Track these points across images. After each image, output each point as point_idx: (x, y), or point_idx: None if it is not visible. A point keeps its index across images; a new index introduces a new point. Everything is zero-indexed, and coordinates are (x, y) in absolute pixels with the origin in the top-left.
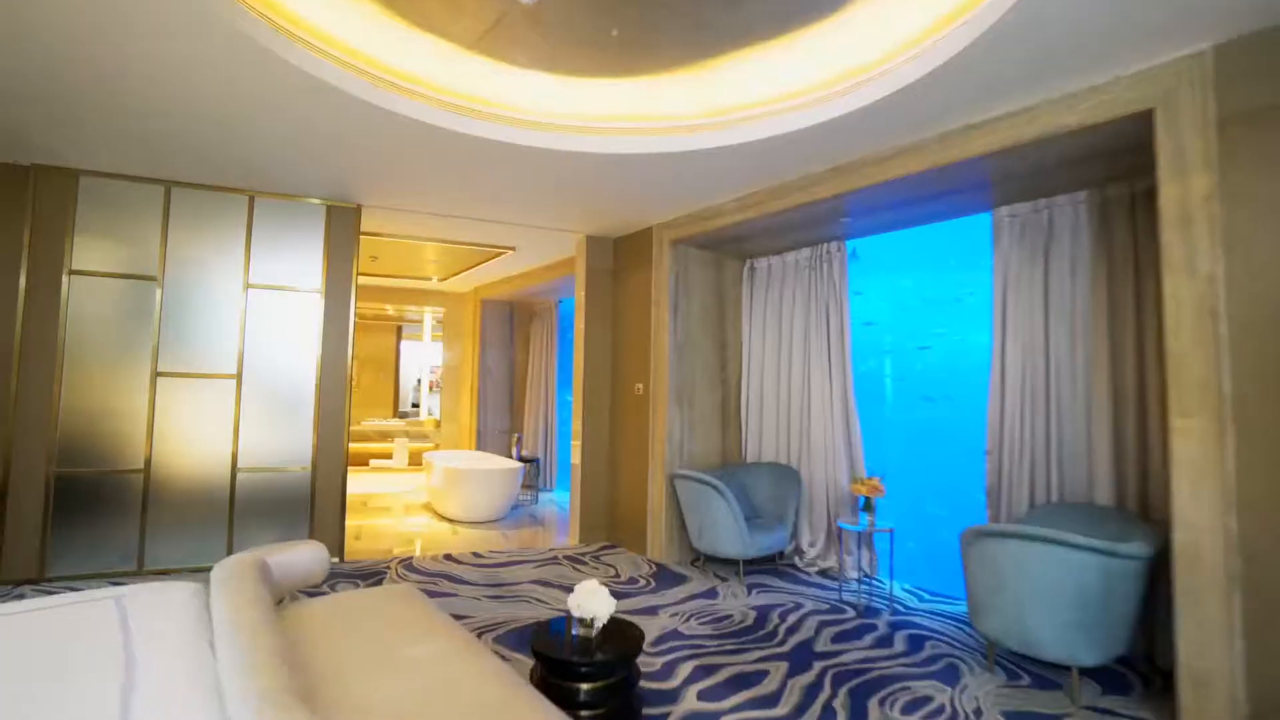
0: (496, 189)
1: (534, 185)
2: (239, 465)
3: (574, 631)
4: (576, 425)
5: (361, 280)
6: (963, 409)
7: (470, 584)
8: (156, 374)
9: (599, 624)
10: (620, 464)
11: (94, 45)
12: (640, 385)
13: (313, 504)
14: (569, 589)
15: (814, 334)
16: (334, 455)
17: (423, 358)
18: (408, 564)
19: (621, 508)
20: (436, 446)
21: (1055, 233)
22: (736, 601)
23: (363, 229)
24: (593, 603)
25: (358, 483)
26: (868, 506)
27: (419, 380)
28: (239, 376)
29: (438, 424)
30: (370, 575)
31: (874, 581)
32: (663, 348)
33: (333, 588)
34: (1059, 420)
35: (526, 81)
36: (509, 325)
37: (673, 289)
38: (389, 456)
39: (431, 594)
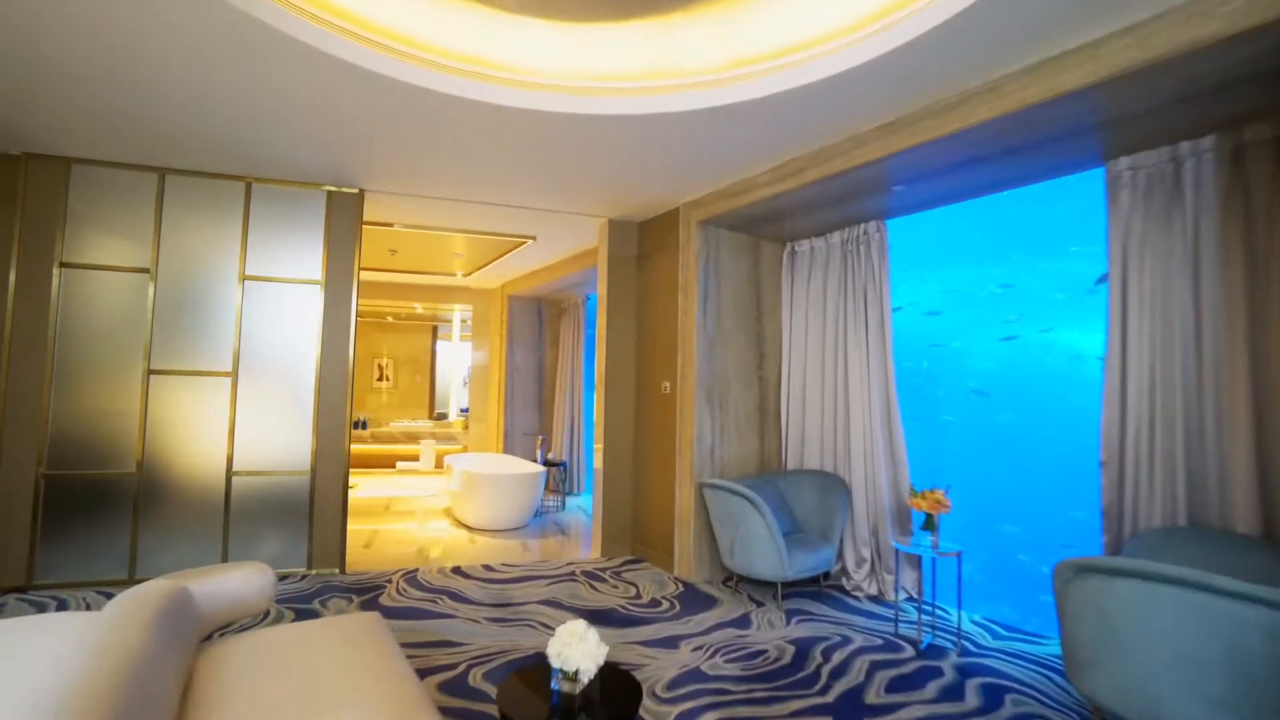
0: (506, 166)
1: (546, 159)
2: (234, 469)
3: (554, 685)
4: (599, 427)
5: (385, 277)
6: (1041, 412)
7: (473, 603)
8: (149, 371)
9: (585, 677)
10: (646, 470)
11: (77, 19)
12: (667, 383)
13: (311, 510)
14: (583, 611)
15: (852, 325)
16: (334, 458)
17: (458, 358)
18: (411, 578)
19: (647, 518)
20: (464, 449)
21: (1180, 190)
22: (772, 632)
23: (369, 218)
24: (575, 651)
25: (383, 486)
26: (929, 524)
27: (455, 381)
28: (235, 374)
29: (466, 425)
30: (368, 590)
31: (935, 610)
32: (691, 341)
33: (324, 604)
34: (1191, 425)
35: (526, 35)
36: (537, 322)
37: (702, 275)
38: (416, 458)
39: (428, 615)
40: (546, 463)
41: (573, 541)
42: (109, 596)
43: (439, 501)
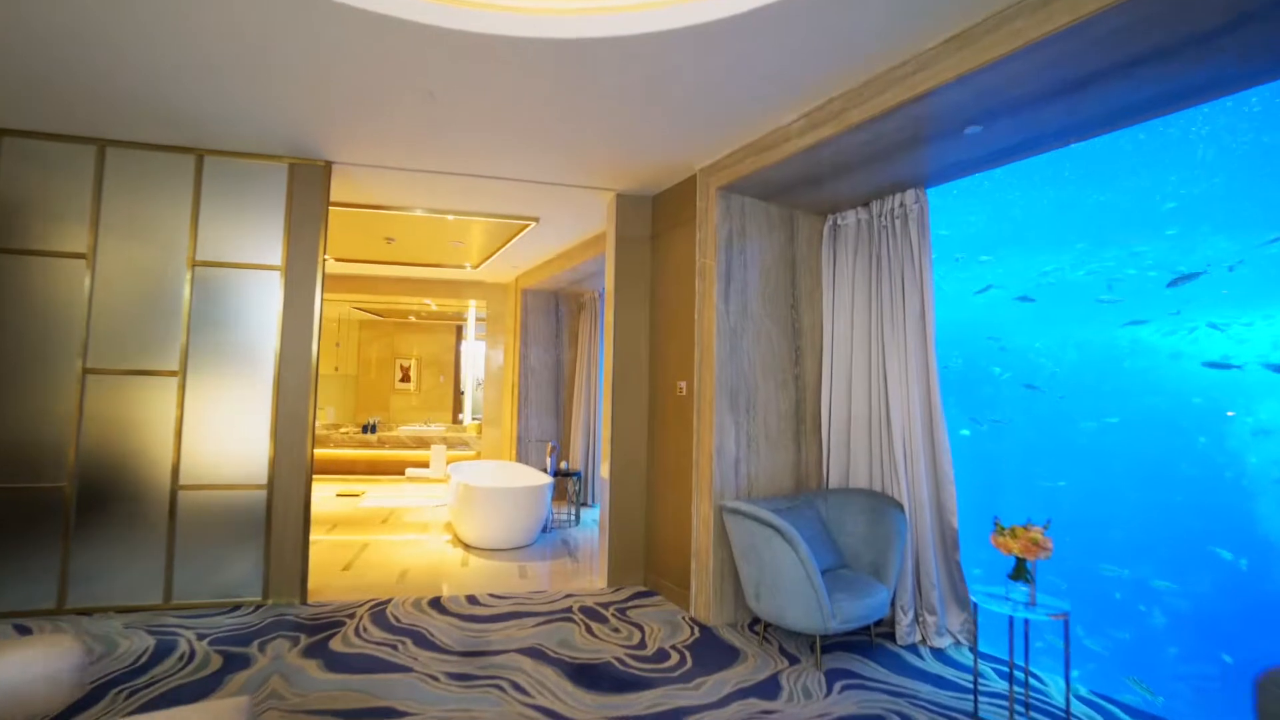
0: (490, 123)
1: (535, 111)
2: (181, 481)
3: None
4: (605, 433)
5: (392, 270)
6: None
7: (440, 650)
8: (85, 370)
9: None
10: (660, 486)
11: None
12: (683, 384)
13: (268, 530)
14: (570, 667)
15: (889, 314)
16: (295, 470)
17: (476, 358)
18: (380, 612)
19: (661, 543)
20: (478, 455)
21: None
22: (809, 706)
23: (343, 198)
24: None
25: (389, 494)
26: (1020, 573)
27: (473, 383)
28: (182, 374)
29: (480, 430)
30: (324, 628)
31: (1028, 675)
32: (710, 333)
33: (263, 648)
34: None
35: None
36: (554, 319)
37: (724, 253)
38: (426, 465)
39: (380, 666)
40: (558, 473)
41: (579, 565)
42: (27, 631)
43: (443, 513)
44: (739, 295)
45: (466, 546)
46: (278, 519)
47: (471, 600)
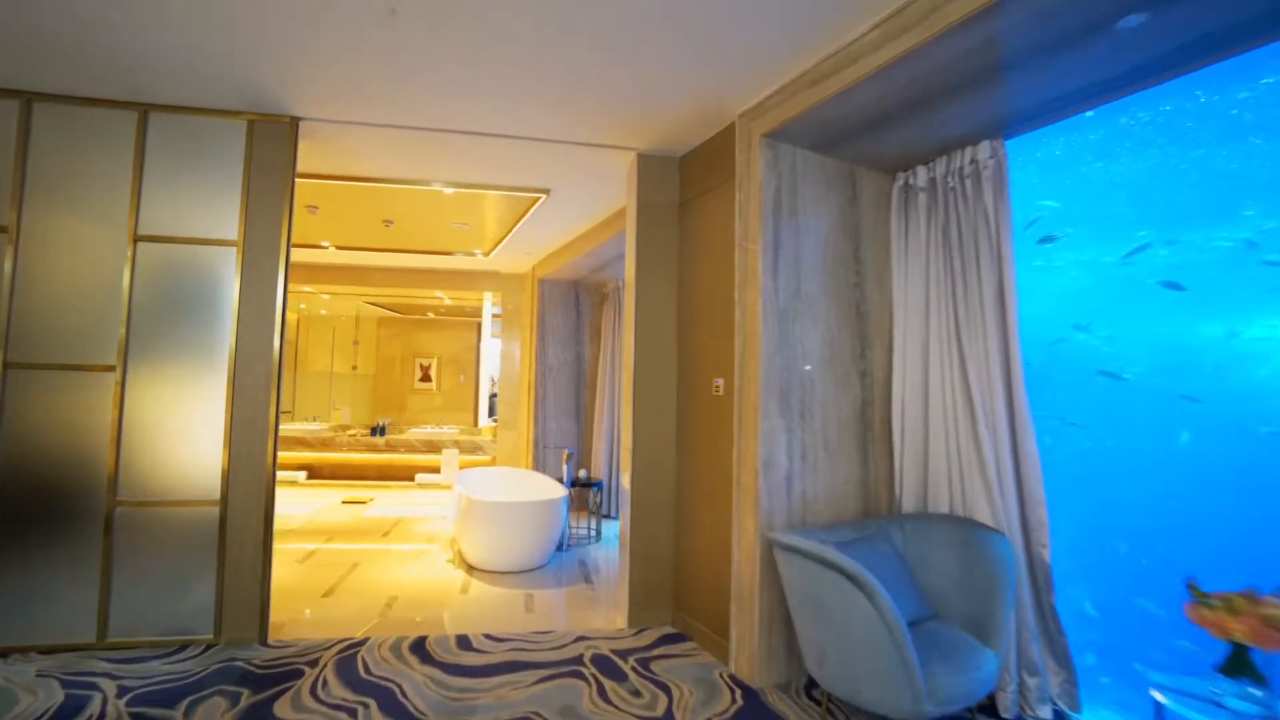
0: (469, 59)
1: (525, 36)
2: (118, 496)
3: None
4: (624, 439)
5: (397, 259)
6: None
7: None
8: (6, 365)
9: None
10: (692, 503)
11: None
12: (720, 380)
13: (221, 556)
14: None
15: (961, 295)
16: (252, 484)
17: (493, 356)
18: (349, 659)
19: (694, 574)
20: (493, 460)
21: None
22: None
23: (328, 170)
24: None
25: (397, 502)
26: (1239, 665)
27: (492, 383)
28: (122, 369)
29: (494, 433)
30: (276, 680)
31: None
32: (754, 318)
33: (191, 711)
34: None
35: None
36: (574, 312)
37: (771, 219)
38: (438, 470)
39: None
40: (576, 482)
41: (597, 594)
42: None
43: (451, 525)
44: (790, 271)
45: (469, 567)
46: (233, 542)
47: (462, 643)
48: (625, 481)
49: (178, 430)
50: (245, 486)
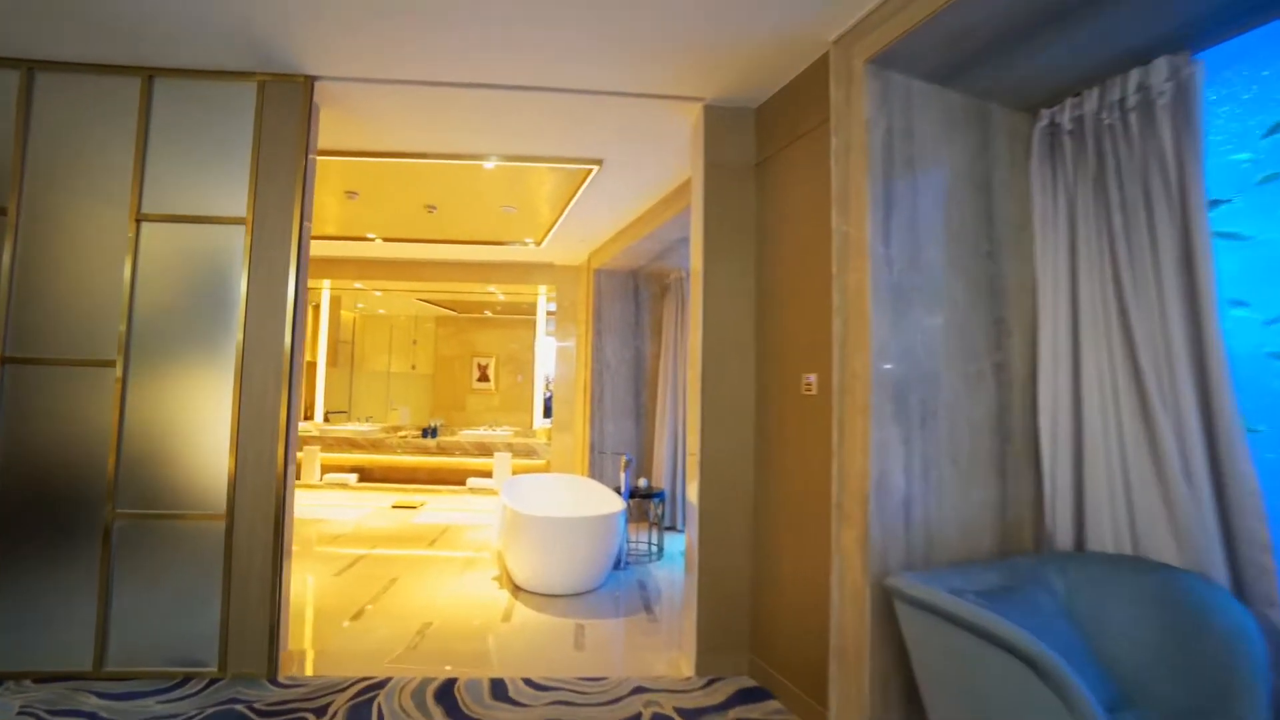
0: None
1: None
2: (119, 506)
3: None
4: (691, 445)
5: (444, 251)
6: None
7: None
8: (4, 359)
9: None
10: (775, 527)
11: None
12: (812, 377)
13: (226, 577)
14: None
15: (1136, 264)
16: (261, 494)
17: (548, 354)
18: (364, 705)
19: (777, 613)
20: (547, 465)
21: None
22: None
23: (354, 145)
24: None
25: (447, 508)
26: None
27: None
28: (123, 364)
29: (549, 436)
30: None
31: None
32: (861, 296)
33: None
34: None
35: None
36: (632, 305)
37: (880, 168)
38: (490, 474)
39: None
40: (635, 492)
41: (659, 626)
42: None
43: (495, 537)
44: (906, 235)
45: (515, 587)
46: (239, 561)
47: (497, 691)
48: (692, 495)
49: (183, 432)
50: (253, 497)
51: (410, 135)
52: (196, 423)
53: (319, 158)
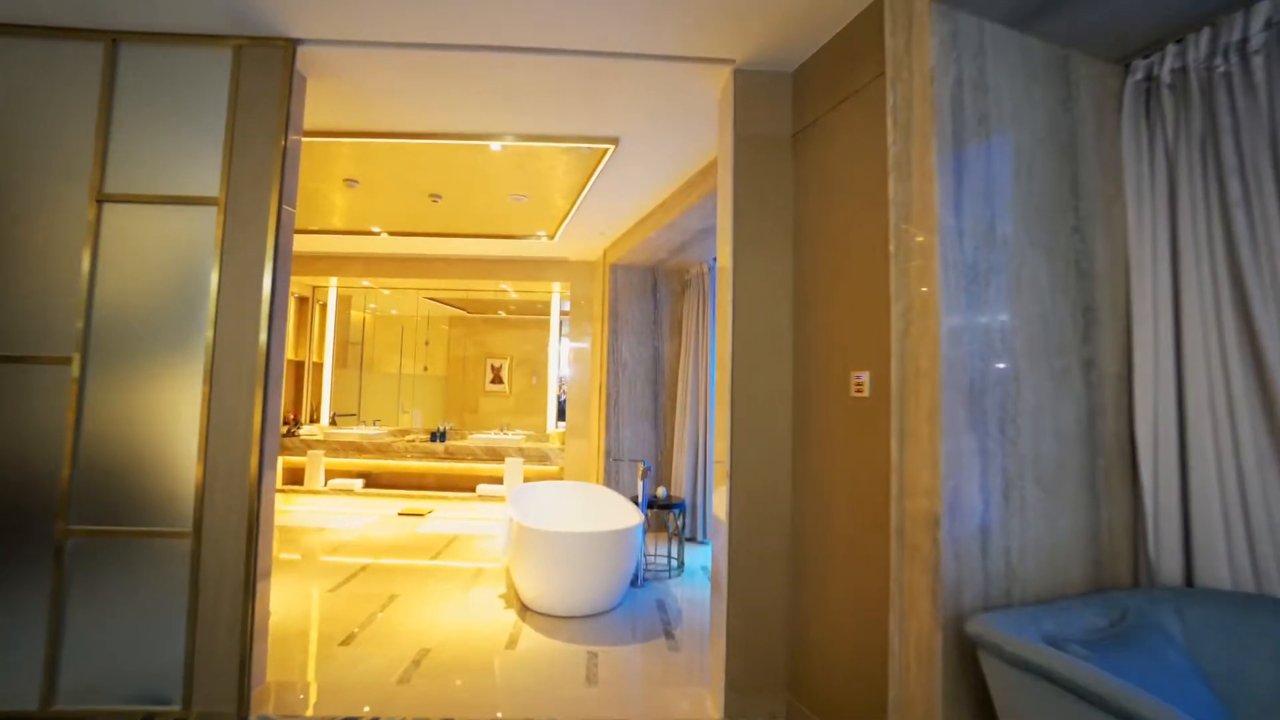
0: None
1: None
2: (71, 522)
3: None
4: (719, 452)
5: (453, 246)
6: None
7: None
8: None
9: None
10: (817, 553)
11: None
12: (863, 374)
13: (193, 604)
14: None
15: (1254, 240)
16: (232, 509)
17: (563, 355)
18: None
19: (818, 647)
20: (560, 471)
21: None
22: None
23: (346, 125)
24: None
25: (456, 516)
26: None
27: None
28: (80, 362)
29: (563, 440)
30: None
31: None
32: (928, 275)
33: None
34: None
35: None
36: (650, 302)
37: (949, 123)
38: (500, 480)
39: None
40: (653, 503)
41: (681, 653)
42: None
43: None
44: (979, 206)
45: (523, 606)
46: (207, 585)
47: None
48: (719, 509)
49: (146, 439)
50: (224, 513)
51: (409, 112)
52: (161, 429)
53: (311, 139)
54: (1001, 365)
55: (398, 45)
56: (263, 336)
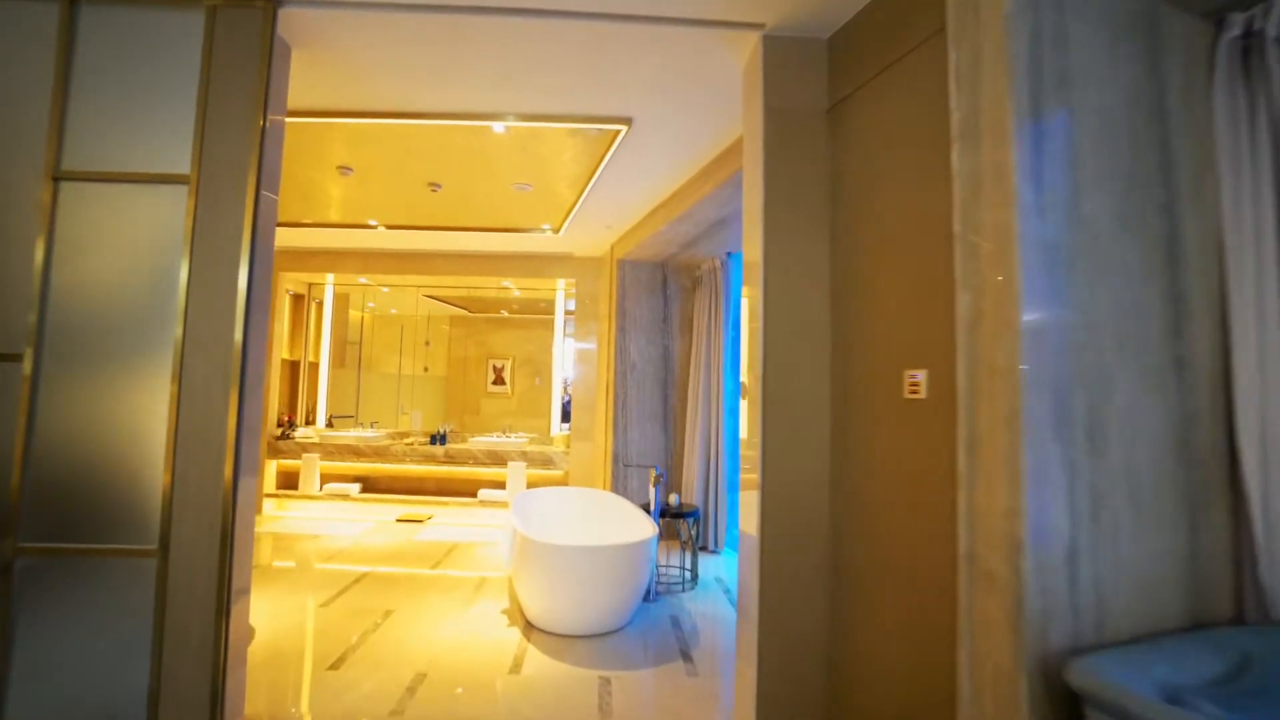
0: None
1: None
2: (22, 539)
3: None
4: (749, 453)
5: (453, 241)
6: None
7: None
8: None
9: None
10: (862, 577)
11: None
12: (919, 374)
13: (159, 627)
14: None
15: None
16: (202, 523)
17: (567, 355)
18: None
19: (865, 687)
20: (565, 476)
21: None
22: None
23: (335, 104)
24: None
25: (457, 522)
26: None
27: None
28: (33, 359)
29: (567, 444)
30: None
31: None
32: (1007, 255)
33: None
34: None
35: None
36: (660, 299)
37: (1025, 85)
38: (503, 485)
39: None
40: (665, 511)
41: (701, 679)
42: None
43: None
44: (1061, 178)
45: (528, 624)
46: (174, 608)
47: None
48: (748, 525)
49: (107, 446)
50: (194, 527)
51: (405, 89)
52: (124, 434)
53: (300, 119)
54: (1089, 363)
55: (390, 6)
56: (238, 334)
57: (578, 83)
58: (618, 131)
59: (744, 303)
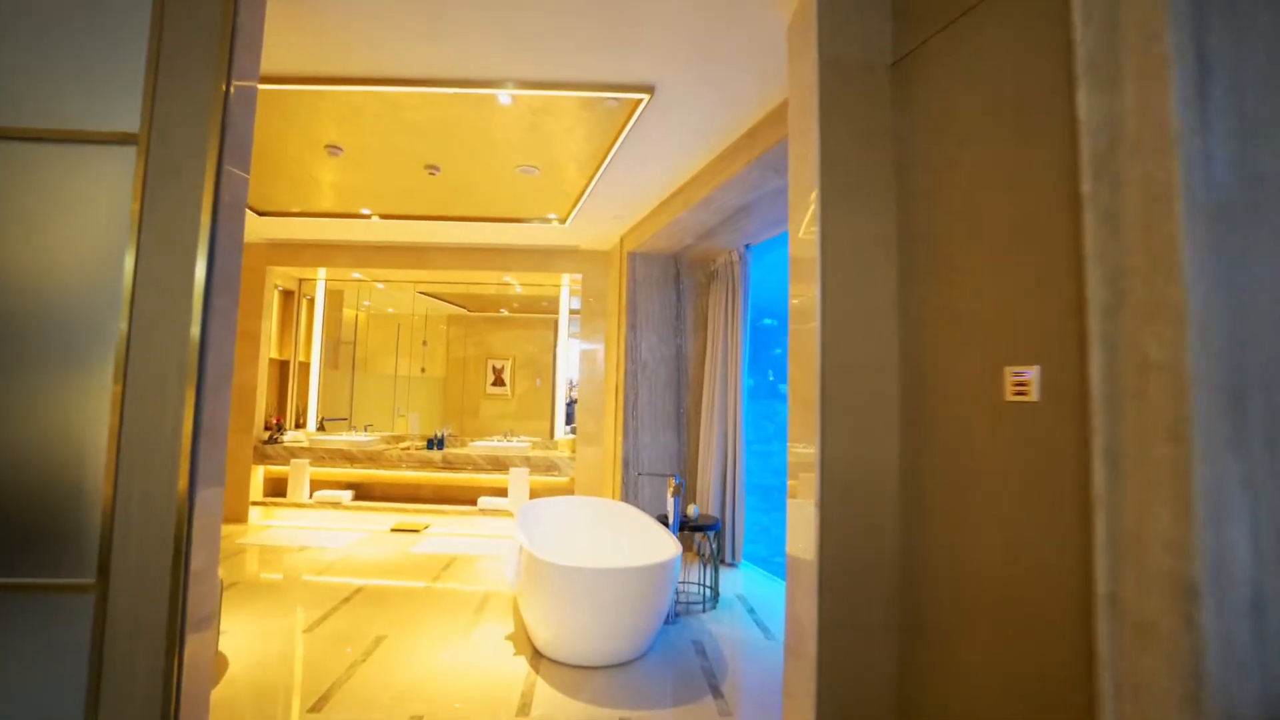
0: None
1: None
2: None
3: None
4: (802, 454)
5: (454, 234)
6: None
7: None
8: None
9: None
10: (944, 599)
11: None
12: (1028, 372)
13: (96, 668)
14: None
15: None
16: (151, 549)
17: (573, 356)
18: None
19: None
20: (571, 482)
21: None
22: None
23: (319, 71)
24: None
25: (456, 532)
26: None
27: (569, 384)
28: None
29: (572, 448)
30: None
31: None
32: (1165, 223)
33: None
34: None
35: None
36: (673, 294)
37: (1182, 1)
38: (504, 493)
39: None
40: (685, 523)
41: (734, 717)
42: None
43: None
44: (1231, 124)
45: (535, 653)
46: (116, 650)
47: None
48: (797, 547)
49: (34, 459)
50: (140, 554)
51: (399, 50)
52: (55, 443)
53: (278, 85)
54: (1269, 356)
55: None
56: (195, 327)
57: (594, 41)
58: (638, 102)
59: (792, 300)
